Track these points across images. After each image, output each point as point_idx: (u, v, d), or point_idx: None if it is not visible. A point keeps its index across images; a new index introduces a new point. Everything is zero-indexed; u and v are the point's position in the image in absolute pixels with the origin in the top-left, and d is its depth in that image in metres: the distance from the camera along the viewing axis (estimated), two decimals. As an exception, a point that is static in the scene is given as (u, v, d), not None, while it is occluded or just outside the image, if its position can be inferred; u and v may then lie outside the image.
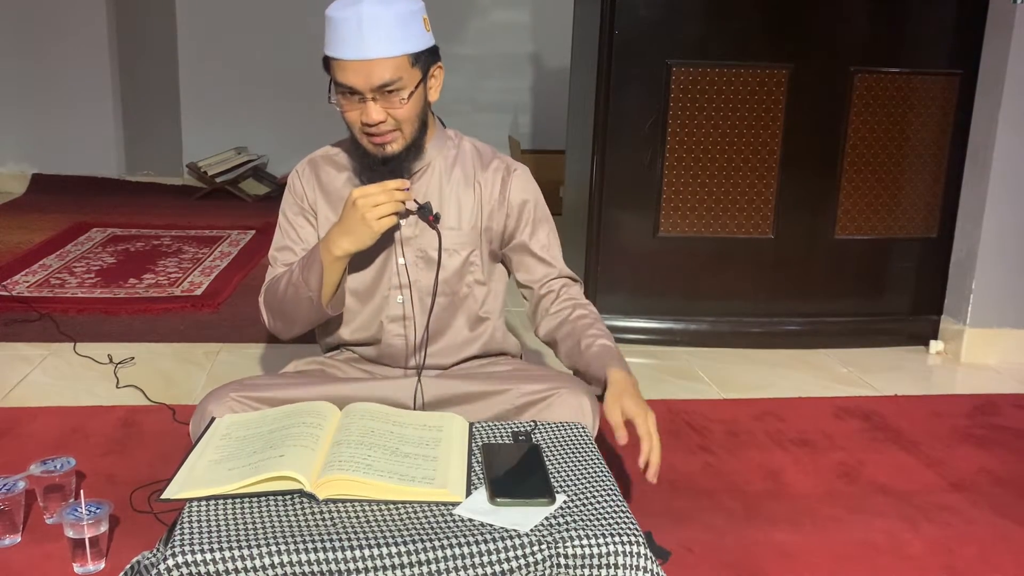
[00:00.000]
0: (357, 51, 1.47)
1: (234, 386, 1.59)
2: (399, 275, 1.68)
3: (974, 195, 2.87)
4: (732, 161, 2.85)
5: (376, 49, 1.47)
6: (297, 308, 1.62)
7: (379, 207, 1.50)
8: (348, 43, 1.48)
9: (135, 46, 5.36)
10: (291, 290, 1.61)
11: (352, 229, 1.52)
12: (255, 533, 1.11)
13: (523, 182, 1.74)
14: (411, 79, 1.52)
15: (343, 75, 1.50)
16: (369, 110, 1.51)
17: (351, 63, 1.48)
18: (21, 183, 5.22)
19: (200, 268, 3.60)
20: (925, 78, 2.87)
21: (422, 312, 1.69)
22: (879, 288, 3.03)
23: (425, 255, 1.67)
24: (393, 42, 1.48)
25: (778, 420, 2.35)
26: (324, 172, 1.72)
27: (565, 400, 1.57)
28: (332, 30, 1.50)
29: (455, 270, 1.69)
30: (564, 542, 1.12)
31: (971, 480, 2.06)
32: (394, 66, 1.49)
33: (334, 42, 1.50)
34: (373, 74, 1.48)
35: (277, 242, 1.74)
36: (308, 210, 1.72)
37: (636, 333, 2.92)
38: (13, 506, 1.62)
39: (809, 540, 1.76)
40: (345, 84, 1.51)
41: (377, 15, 1.46)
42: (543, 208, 1.77)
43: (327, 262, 1.55)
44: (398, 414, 1.45)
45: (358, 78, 1.49)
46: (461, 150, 1.73)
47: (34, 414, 2.21)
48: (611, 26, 2.73)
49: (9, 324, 2.85)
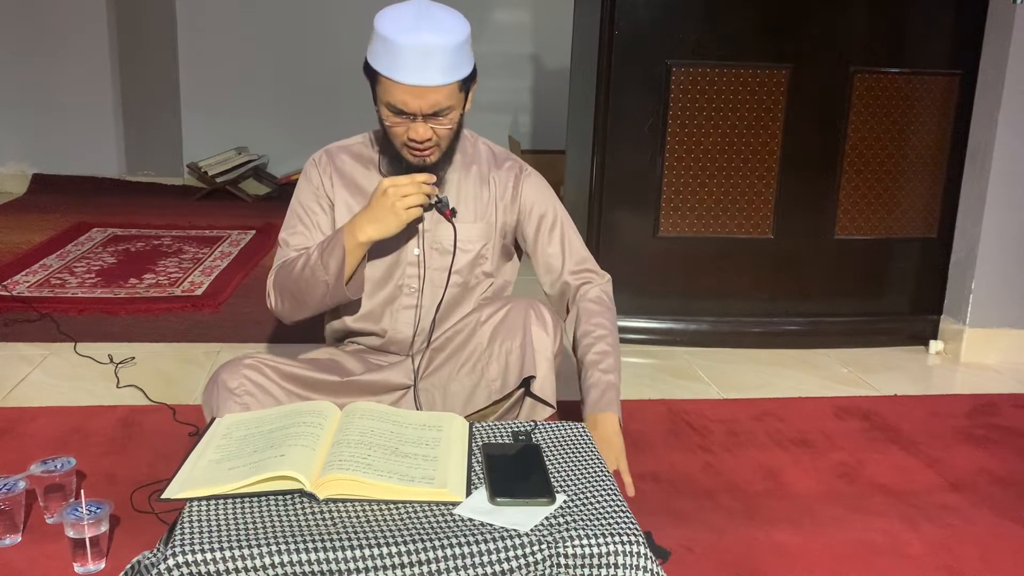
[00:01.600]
0: (417, 78, 1.52)
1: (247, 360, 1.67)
2: (415, 264, 1.75)
3: (974, 195, 2.87)
4: (732, 161, 2.85)
5: (435, 78, 1.53)
6: (311, 291, 1.67)
7: (408, 197, 1.56)
8: (409, 69, 1.52)
9: (135, 46, 5.36)
10: (307, 272, 1.65)
11: (380, 217, 1.58)
12: (255, 533, 1.11)
13: (535, 186, 1.83)
14: (458, 102, 1.60)
15: (398, 96, 1.55)
16: (418, 129, 1.57)
17: (409, 88, 1.53)
18: (21, 183, 5.22)
19: (200, 268, 3.60)
20: (925, 78, 2.87)
21: (432, 302, 1.76)
22: (879, 288, 3.03)
23: (441, 247, 1.74)
24: (450, 71, 1.54)
25: (778, 420, 2.35)
26: (341, 161, 1.77)
27: (517, 308, 1.74)
28: (391, 52, 1.53)
29: (467, 263, 1.77)
30: (564, 542, 1.12)
31: (971, 480, 2.06)
32: (448, 93, 1.56)
33: (392, 64, 1.53)
34: (428, 100, 1.54)
35: (290, 227, 1.78)
36: (324, 198, 1.76)
37: (636, 333, 2.92)
38: (13, 506, 1.62)
39: (809, 540, 1.76)
40: (398, 106, 1.56)
41: (441, 46, 1.52)
42: (554, 208, 1.85)
43: (350, 247, 1.60)
44: (398, 414, 1.46)
45: (414, 102, 1.54)
46: (476, 149, 1.81)
47: (34, 414, 2.21)
48: (611, 26, 2.73)
49: (9, 324, 2.85)
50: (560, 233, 1.86)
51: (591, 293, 1.85)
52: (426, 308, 1.77)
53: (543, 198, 1.85)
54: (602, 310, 1.82)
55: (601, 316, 1.81)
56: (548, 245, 1.85)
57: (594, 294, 1.85)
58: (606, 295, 1.86)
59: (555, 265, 1.85)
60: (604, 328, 1.79)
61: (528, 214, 1.83)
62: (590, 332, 1.78)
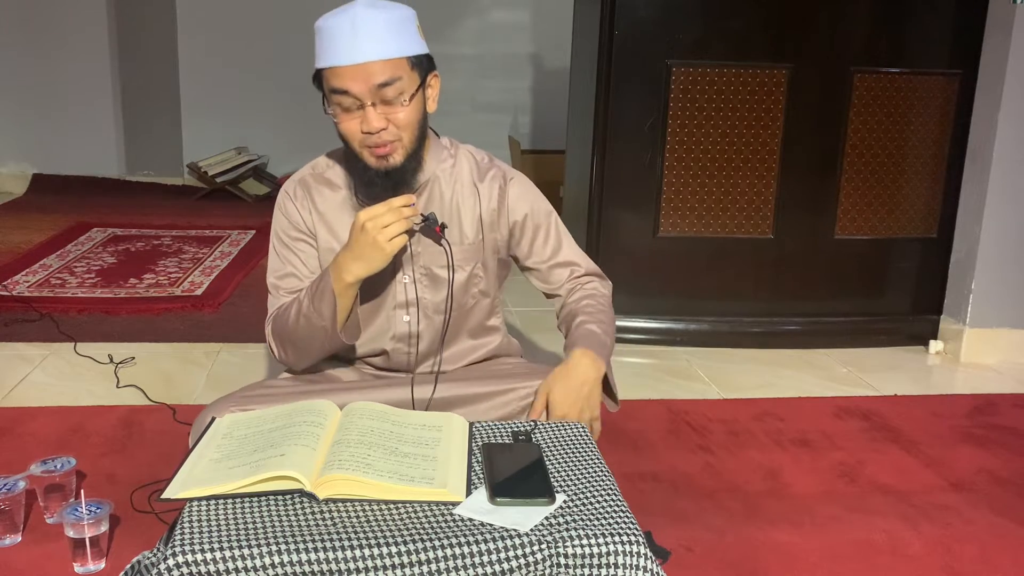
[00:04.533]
0: (352, 55, 1.42)
1: (235, 398, 1.57)
2: (405, 293, 1.65)
3: (974, 195, 2.87)
4: (732, 161, 2.85)
5: (373, 50, 1.42)
6: (311, 339, 1.57)
7: (388, 228, 1.44)
8: (342, 48, 1.43)
9: (135, 46, 5.36)
10: (303, 320, 1.56)
11: (363, 254, 1.46)
12: (255, 533, 1.11)
13: (521, 191, 1.69)
14: (411, 82, 1.47)
15: (340, 81, 1.44)
16: (369, 116, 1.45)
17: (347, 68, 1.43)
18: (21, 183, 5.23)
19: (200, 268, 3.60)
20: (925, 78, 2.87)
21: (428, 328, 1.66)
22: (879, 288, 3.03)
23: (430, 272, 1.64)
24: (388, 43, 1.44)
25: (778, 420, 2.35)
26: (318, 193, 1.65)
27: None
28: (325, 39, 1.45)
29: (461, 284, 1.65)
30: (564, 542, 1.12)
31: (971, 480, 2.06)
32: (392, 65, 1.44)
33: (328, 51, 1.44)
34: (372, 75, 1.43)
35: (276, 270, 1.67)
36: (307, 233, 1.65)
37: (636, 333, 2.92)
38: (13, 506, 1.62)
39: (809, 540, 1.76)
40: (342, 88, 1.44)
41: (371, 17, 1.43)
42: (544, 214, 1.71)
43: (339, 289, 1.49)
44: (398, 414, 1.45)
45: (356, 82, 1.43)
46: (458, 160, 1.67)
47: (34, 414, 2.21)
48: (611, 26, 2.73)
49: (9, 324, 2.85)
50: (557, 242, 1.72)
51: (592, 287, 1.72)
52: (423, 336, 1.66)
53: (532, 205, 1.69)
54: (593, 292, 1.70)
55: (590, 299, 1.68)
56: (543, 257, 1.71)
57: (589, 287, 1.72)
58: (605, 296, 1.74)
59: (558, 275, 1.73)
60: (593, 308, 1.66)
61: (518, 226, 1.69)
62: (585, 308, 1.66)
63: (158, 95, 5.45)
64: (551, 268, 1.73)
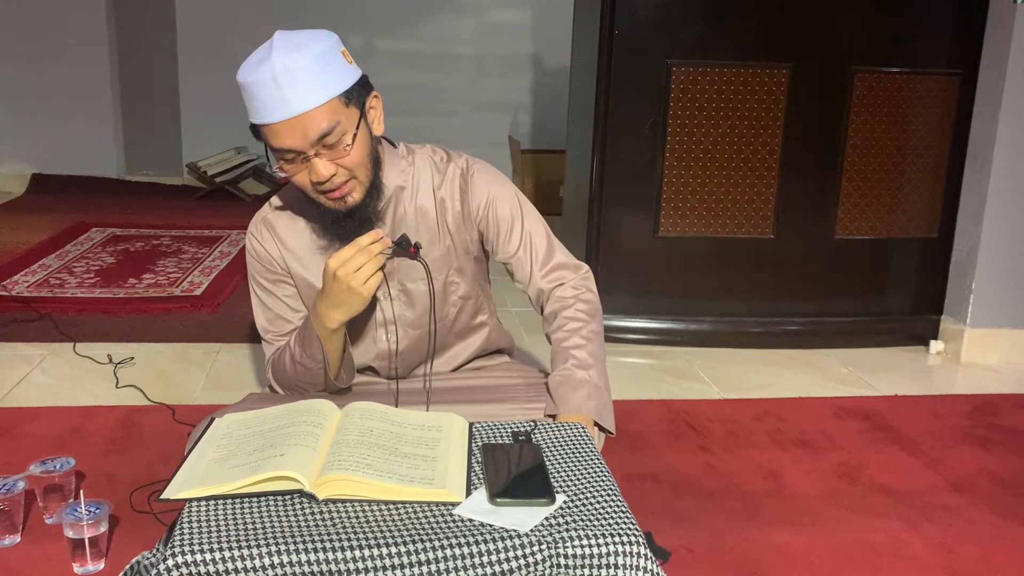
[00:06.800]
0: (284, 111, 1.35)
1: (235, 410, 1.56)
2: (382, 312, 1.63)
3: (974, 195, 2.87)
4: (732, 161, 2.85)
5: (302, 102, 1.35)
6: (314, 380, 1.59)
7: (361, 270, 1.42)
8: (271, 105, 1.36)
9: (135, 46, 5.36)
10: (300, 368, 1.58)
11: (341, 301, 1.45)
12: (255, 533, 1.11)
13: (482, 183, 1.62)
14: (349, 121, 1.41)
15: (278, 139, 1.38)
16: (316, 167, 1.40)
17: (281, 125, 1.36)
18: (21, 183, 5.23)
19: (200, 268, 3.60)
20: (925, 78, 2.87)
21: (408, 345, 1.65)
22: (879, 288, 3.03)
23: (404, 288, 1.62)
24: (317, 89, 1.36)
25: (778, 420, 2.35)
26: (283, 229, 1.63)
27: None
28: (250, 96, 1.38)
29: (438, 294, 1.63)
30: (564, 542, 1.12)
31: (971, 480, 2.06)
32: (327, 112, 1.37)
33: (257, 108, 1.38)
34: (309, 129, 1.36)
35: (263, 316, 1.67)
36: (282, 272, 1.64)
37: (636, 333, 2.92)
38: (13, 506, 1.62)
39: (809, 540, 1.76)
40: (283, 148, 1.39)
41: (291, 66, 1.34)
42: (509, 202, 1.64)
43: (324, 336, 1.49)
44: (398, 414, 1.45)
45: (294, 138, 1.37)
46: (416, 168, 1.61)
47: (34, 414, 2.21)
48: (611, 26, 2.73)
49: (9, 324, 2.84)
50: (521, 234, 1.64)
51: (563, 292, 1.65)
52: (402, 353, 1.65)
53: (496, 197, 1.62)
54: (574, 302, 1.63)
55: (573, 308, 1.62)
56: (511, 250, 1.65)
57: (566, 293, 1.65)
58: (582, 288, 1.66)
59: (524, 270, 1.65)
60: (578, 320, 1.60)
61: (484, 221, 1.63)
62: (563, 326, 1.60)
63: (157, 95, 5.45)
64: (519, 262, 1.66)
